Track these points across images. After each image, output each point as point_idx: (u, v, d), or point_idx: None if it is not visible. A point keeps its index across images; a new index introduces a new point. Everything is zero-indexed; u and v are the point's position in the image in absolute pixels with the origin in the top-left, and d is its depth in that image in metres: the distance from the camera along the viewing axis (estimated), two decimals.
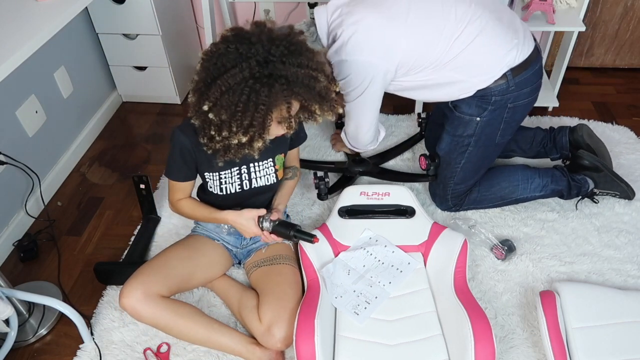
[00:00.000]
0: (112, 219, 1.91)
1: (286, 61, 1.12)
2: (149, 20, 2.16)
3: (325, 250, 1.59)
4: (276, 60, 1.11)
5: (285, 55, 1.12)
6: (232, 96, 1.10)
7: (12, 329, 1.43)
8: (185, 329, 1.37)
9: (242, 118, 1.12)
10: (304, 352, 1.27)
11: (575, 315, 1.38)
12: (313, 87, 1.16)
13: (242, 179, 1.43)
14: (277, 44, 1.12)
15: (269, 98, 1.10)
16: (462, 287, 1.44)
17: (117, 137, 2.33)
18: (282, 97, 1.12)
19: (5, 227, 1.79)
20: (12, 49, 1.30)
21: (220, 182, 1.42)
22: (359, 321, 1.41)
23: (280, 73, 1.11)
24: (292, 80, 1.12)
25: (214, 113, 1.14)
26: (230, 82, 1.10)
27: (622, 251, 1.66)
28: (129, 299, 1.32)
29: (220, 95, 1.11)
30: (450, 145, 1.67)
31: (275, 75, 1.11)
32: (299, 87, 1.13)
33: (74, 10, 1.52)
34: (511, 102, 1.55)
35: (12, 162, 1.75)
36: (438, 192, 1.80)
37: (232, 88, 1.10)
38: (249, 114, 1.11)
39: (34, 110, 1.91)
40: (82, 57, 2.22)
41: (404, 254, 1.58)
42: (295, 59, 1.13)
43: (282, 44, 1.13)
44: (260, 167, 1.43)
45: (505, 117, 1.58)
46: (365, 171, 1.94)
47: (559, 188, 1.75)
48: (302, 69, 1.13)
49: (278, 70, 1.11)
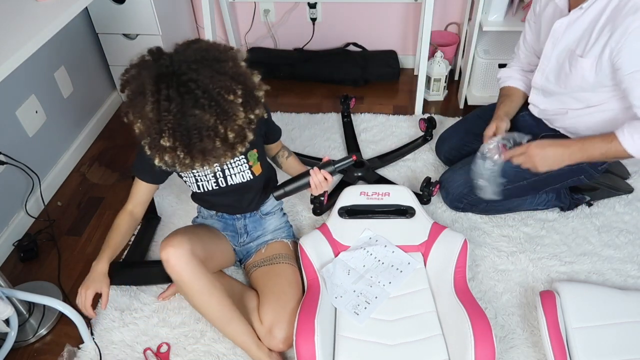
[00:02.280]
0: (112, 219, 1.88)
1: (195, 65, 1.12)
2: (149, 20, 2.16)
3: (325, 250, 1.59)
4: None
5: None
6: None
7: (12, 329, 1.43)
8: (212, 302, 1.32)
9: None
10: (304, 352, 1.27)
11: (575, 315, 1.38)
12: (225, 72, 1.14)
13: (217, 177, 1.42)
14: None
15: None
16: (462, 287, 1.44)
17: (117, 137, 2.33)
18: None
19: (5, 227, 1.79)
20: (12, 49, 1.30)
21: (195, 179, 1.43)
22: (359, 321, 1.41)
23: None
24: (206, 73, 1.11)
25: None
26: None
27: (622, 251, 1.66)
28: (179, 249, 1.26)
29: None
30: (509, 169, 1.57)
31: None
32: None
33: (74, 10, 1.52)
34: (586, 174, 1.61)
35: (12, 162, 1.75)
36: (458, 191, 1.73)
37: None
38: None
39: (34, 110, 1.91)
40: (82, 57, 2.22)
41: (404, 254, 1.58)
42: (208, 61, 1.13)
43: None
44: (233, 165, 1.41)
45: (571, 181, 1.64)
46: (363, 176, 1.94)
47: (560, 205, 1.78)
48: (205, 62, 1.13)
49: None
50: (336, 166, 1.34)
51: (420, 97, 2.27)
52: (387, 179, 1.95)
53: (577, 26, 1.39)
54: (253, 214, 1.57)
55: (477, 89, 2.26)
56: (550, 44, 1.47)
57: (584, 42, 1.37)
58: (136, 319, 1.54)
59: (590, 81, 1.40)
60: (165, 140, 1.11)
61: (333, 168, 1.34)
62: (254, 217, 1.57)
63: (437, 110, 2.38)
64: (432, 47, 2.35)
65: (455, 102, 2.42)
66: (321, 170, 1.34)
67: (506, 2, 2.00)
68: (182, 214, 1.86)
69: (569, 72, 1.43)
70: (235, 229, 1.57)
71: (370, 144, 2.15)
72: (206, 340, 1.48)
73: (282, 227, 1.62)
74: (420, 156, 2.07)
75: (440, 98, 2.44)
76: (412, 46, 2.62)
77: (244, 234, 1.57)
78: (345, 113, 2.26)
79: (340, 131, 2.23)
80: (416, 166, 2.03)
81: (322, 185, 1.36)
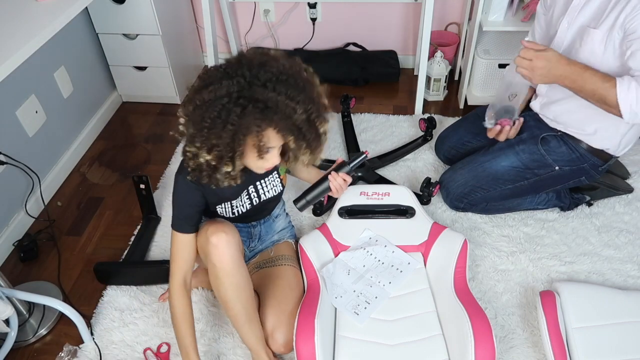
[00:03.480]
0: (112, 219, 1.91)
1: (269, 86, 1.05)
2: (149, 20, 2.16)
3: (325, 250, 1.59)
4: (259, 84, 1.05)
5: (271, 81, 1.06)
6: (203, 111, 1.05)
7: (12, 329, 1.43)
8: (242, 297, 1.28)
9: (208, 134, 1.06)
10: (304, 352, 1.27)
11: (575, 315, 1.38)
12: (289, 117, 1.08)
13: (252, 198, 1.39)
14: (267, 70, 1.07)
15: (239, 119, 1.04)
16: (462, 287, 1.44)
17: (117, 137, 2.33)
18: (253, 121, 1.05)
19: (5, 227, 1.79)
20: (12, 49, 1.30)
21: (232, 207, 1.37)
22: (359, 321, 1.41)
23: (257, 97, 1.04)
24: (270, 106, 1.05)
25: (185, 126, 1.11)
26: (205, 98, 1.05)
27: (622, 251, 1.66)
28: (230, 237, 1.23)
29: (193, 110, 1.07)
30: (511, 169, 1.61)
31: (252, 98, 1.04)
32: (274, 114, 1.05)
33: (74, 10, 1.53)
34: (587, 175, 1.61)
35: (12, 162, 1.75)
36: (458, 191, 1.73)
37: (205, 103, 1.05)
38: (215, 131, 1.05)
39: (34, 110, 1.91)
40: (82, 57, 2.22)
41: (404, 254, 1.58)
42: (280, 87, 1.06)
43: (273, 71, 1.07)
44: (266, 182, 1.40)
45: (572, 182, 1.64)
46: (363, 176, 1.94)
47: (560, 204, 1.78)
48: (282, 97, 1.06)
49: (257, 93, 1.04)
50: (351, 165, 1.36)
51: (420, 97, 2.27)
52: (387, 179, 1.95)
53: (593, 2, 1.39)
54: (267, 219, 1.56)
55: (477, 89, 2.26)
56: (566, 23, 1.47)
57: (598, 16, 1.38)
58: (136, 319, 1.54)
59: (598, 56, 1.39)
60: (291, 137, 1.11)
61: (349, 168, 1.36)
62: (267, 222, 1.56)
63: (437, 110, 2.38)
64: (432, 47, 2.35)
65: (455, 102, 2.42)
66: (339, 173, 1.35)
67: (506, 2, 2.00)
68: None
69: (579, 47, 1.43)
70: (250, 235, 1.54)
71: (370, 144, 2.15)
72: (206, 340, 1.48)
73: (287, 227, 1.62)
74: (420, 156, 2.07)
75: (440, 98, 2.44)
76: (412, 46, 2.62)
77: (257, 239, 1.55)
78: (345, 113, 2.26)
79: (340, 131, 2.23)
80: (416, 166, 2.03)
81: (343, 187, 1.37)
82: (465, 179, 1.71)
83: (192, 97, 1.09)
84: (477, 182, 1.69)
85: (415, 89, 2.28)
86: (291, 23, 2.58)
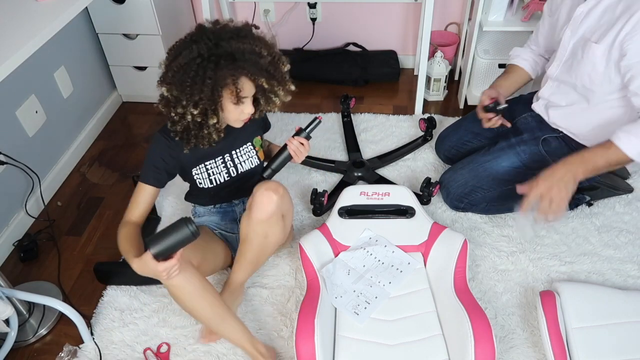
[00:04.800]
0: (112, 219, 1.91)
1: (232, 40, 1.21)
2: (149, 20, 2.16)
3: (325, 250, 1.59)
4: (224, 41, 1.21)
5: (232, 37, 1.22)
6: (182, 74, 1.20)
7: (12, 329, 1.43)
8: (204, 304, 1.32)
9: (192, 92, 1.20)
10: (304, 352, 1.27)
11: (575, 315, 1.38)
12: (257, 62, 1.24)
13: (228, 167, 1.47)
14: (227, 29, 1.24)
15: (214, 73, 1.19)
16: (462, 287, 1.44)
17: (117, 137, 2.33)
18: (227, 72, 1.20)
19: (5, 227, 1.79)
20: (12, 49, 1.30)
21: (208, 174, 1.45)
22: (359, 321, 1.41)
23: (226, 51, 1.20)
24: (238, 57, 1.20)
25: (168, 92, 1.24)
26: (181, 62, 1.20)
27: (622, 251, 1.66)
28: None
29: (173, 75, 1.21)
30: (512, 169, 1.61)
31: (221, 53, 1.20)
32: (243, 62, 1.21)
33: (74, 10, 1.52)
34: None
35: (12, 162, 1.75)
36: (458, 192, 1.73)
37: (182, 67, 1.20)
38: (197, 87, 1.20)
39: (34, 110, 1.91)
40: (82, 57, 2.22)
41: (404, 254, 1.58)
42: (241, 39, 1.22)
43: (231, 29, 1.24)
44: (241, 152, 1.48)
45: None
46: (363, 176, 1.94)
47: None
48: (246, 45, 1.22)
49: (224, 48, 1.20)
50: (307, 130, 1.46)
51: (420, 97, 2.27)
52: (387, 179, 1.95)
53: (595, 12, 1.40)
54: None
55: (477, 89, 2.26)
56: (569, 32, 1.48)
57: (600, 29, 1.38)
58: (136, 319, 1.54)
59: (600, 71, 1.40)
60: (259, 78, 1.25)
61: (305, 133, 1.46)
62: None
63: (437, 110, 2.38)
64: (432, 47, 2.35)
65: (455, 102, 2.42)
66: (295, 137, 1.46)
67: (506, 2, 2.00)
68: (182, 214, 1.86)
69: (581, 59, 1.44)
70: (236, 215, 1.60)
71: (370, 144, 2.15)
72: None
73: None
74: (420, 156, 2.07)
75: (440, 98, 2.44)
76: (412, 46, 2.62)
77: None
78: (345, 113, 2.26)
79: (340, 131, 2.23)
80: (416, 166, 2.03)
81: (302, 150, 1.46)
82: (466, 179, 1.71)
83: (169, 66, 1.23)
84: (478, 182, 1.69)
85: (415, 89, 2.28)
86: (291, 23, 2.58)
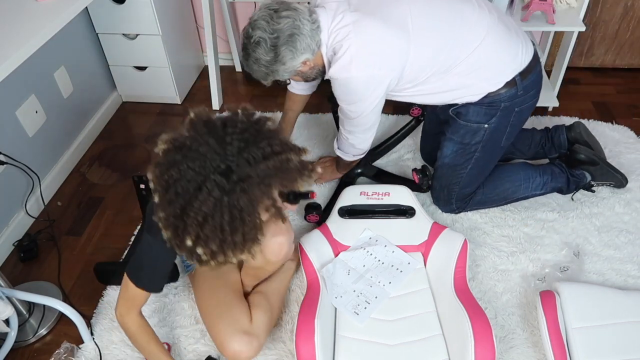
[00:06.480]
0: (112, 219, 1.91)
1: (249, 157, 0.94)
2: (149, 20, 2.16)
3: (325, 250, 1.59)
4: (236, 161, 0.94)
5: (244, 150, 0.94)
6: (213, 223, 0.94)
7: (12, 329, 1.43)
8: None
9: (234, 238, 0.96)
10: (304, 352, 1.27)
11: (575, 315, 1.38)
12: (288, 169, 0.99)
13: None
14: (229, 141, 0.94)
15: (250, 203, 0.95)
16: (462, 287, 1.44)
17: (117, 137, 2.33)
18: (261, 195, 0.96)
19: (5, 227, 1.79)
20: (12, 49, 1.30)
21: None
22: (359, 321, 1.41)
23: (248, 174, 0.94)
24: (266, 174, 0.95)
25: (201, 247, 0.96)
26: (204, 210, 0.93)
27: (622, 251, 1.66)
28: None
29: (201, 228, 0.94)
30: (456, 152, 1.66)
31: (244, 177, 0.94)
32: (275, 178, 0.97)
33: (74, 10, 1.52)
34: (518, 106, 1.55)
35: (12, 162, 1.75)
36: (442, 197, 1.78)
37: (209, 215, 0.93)
38: (239, 230, 0.96)
39: (34, 110, 1.91)
40: (82, 57, 2.22)
41: (404, 254, 1.58)
42: (256, 150, 0.95)
43: (235, 138, 0.95)
44: None
45: (512, 121, 1.59)
46: (363, 172, 1.94)
47: (558, 185, 1.77)
48: (269, 159, 0.96)
49: (245, 172, 0.94)
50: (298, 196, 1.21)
51: None
52: (386, 171, 1.96)
53: None
54: None
55: None
56: None
57: None
58: None
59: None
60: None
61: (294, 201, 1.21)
62: None
63: None
64: None
65: None
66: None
67: (506, 2, 2.00)
68: None
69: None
70: None
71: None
72: (206, 340, 1.47)
73: None
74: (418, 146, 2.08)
75: None
76: None
77: None
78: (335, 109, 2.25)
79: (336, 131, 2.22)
80: (415, 157, 2.05)
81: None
82: (440, 184, 1.76)
83: (180, 213, 0.94)
84: (446, 180, 1.73)
85: None
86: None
